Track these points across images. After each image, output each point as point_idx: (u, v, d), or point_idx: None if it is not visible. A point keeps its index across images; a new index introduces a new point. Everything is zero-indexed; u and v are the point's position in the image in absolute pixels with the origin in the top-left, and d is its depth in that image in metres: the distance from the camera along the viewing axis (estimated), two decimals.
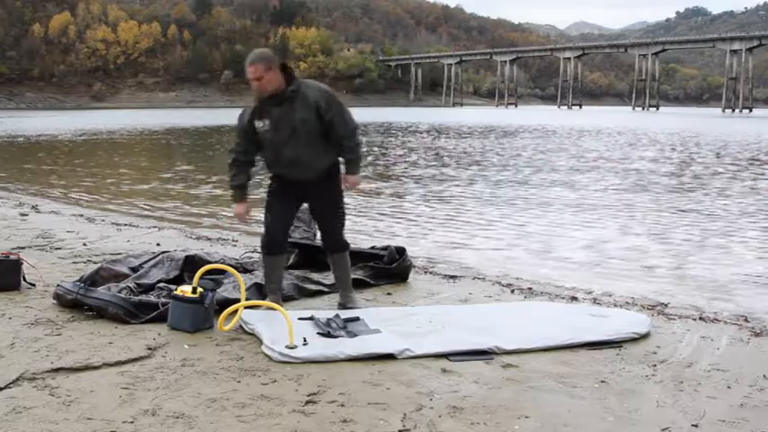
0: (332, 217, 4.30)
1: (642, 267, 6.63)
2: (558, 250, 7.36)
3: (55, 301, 4.28)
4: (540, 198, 11.62)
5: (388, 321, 3.98)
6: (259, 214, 4.42)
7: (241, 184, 4.22)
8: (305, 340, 3.58)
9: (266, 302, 4.01)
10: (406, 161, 19.00)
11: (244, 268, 4.93)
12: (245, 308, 3.98)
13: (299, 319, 3.93)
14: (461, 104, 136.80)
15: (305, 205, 4.45)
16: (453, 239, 7.82)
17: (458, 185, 13.40)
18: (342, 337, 3.69)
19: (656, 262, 6.88)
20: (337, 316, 4.02)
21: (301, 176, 4.10)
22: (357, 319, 3.99)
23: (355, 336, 3.71)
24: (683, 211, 10.32)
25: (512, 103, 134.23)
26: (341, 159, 4.18)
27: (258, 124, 4.04)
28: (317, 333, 3.73)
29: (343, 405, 2.94)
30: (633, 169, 16.80)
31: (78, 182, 13.89)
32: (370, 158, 19.59)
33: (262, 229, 4.31)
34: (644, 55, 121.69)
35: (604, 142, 28.24)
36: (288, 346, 3.50)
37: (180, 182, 14.03)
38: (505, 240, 7.87)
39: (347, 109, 4.08)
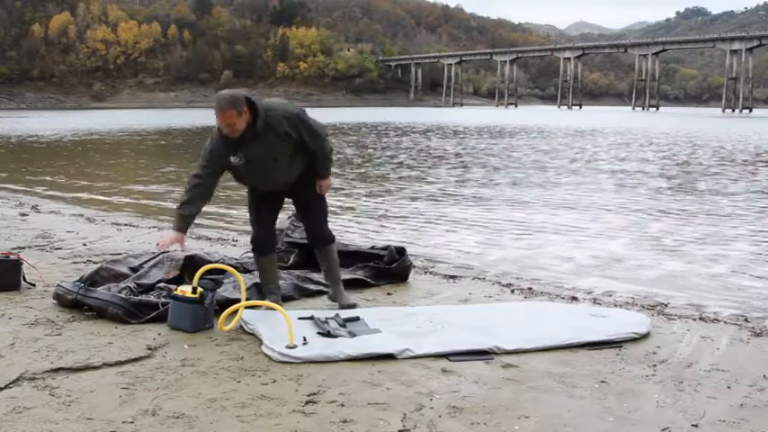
0: (315, 206, 4.30)
1: (642, 267, 6.63)
2: (557, 250, 7.36)
3: (55, 301, 4.28)
4: (538, 199, 11.62)
5: (388, 321, 3.98)
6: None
7: (192, 214, 4.02)
8: (305, 340, 3.58)
9: (266, 302, 4.01)
10: (403, 162, 19.00)
11: (244, 268, 4.93)
12: (246, 308, 3.98)
13: (299, 318, 3.94)
14: (461, 104, 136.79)
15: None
16: (453, 239, 7.82)
17: (456, 186, 13.40)
18: (342, 336, 3.69)
19: (656, 262, 6.88)
20: (337, 315, 4.02)
21: (283, 188, 4.21)
22: (357, 318, 3.99)
23: (355, 336, 3.71)
24: (682, 211, 10.32)
25: (512, 104, 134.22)
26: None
27: (233, 159, 3.98)
28: (317, 333, 3.73)
29: (343, 405, 2.94)
30: (631, 170, 16.81)
31: (72, 183, 13.89)
32: (361, 161, 19.59)
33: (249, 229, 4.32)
34: (644, 55, 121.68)
35: (602, 143, 28.24)
36: (288, 346, 3.50)
37: (174, 181, 14.03)
38: (505, 240, 7.87)
39: (313, 121, 4.07)
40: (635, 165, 18.04)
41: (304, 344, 3.55)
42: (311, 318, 3.98)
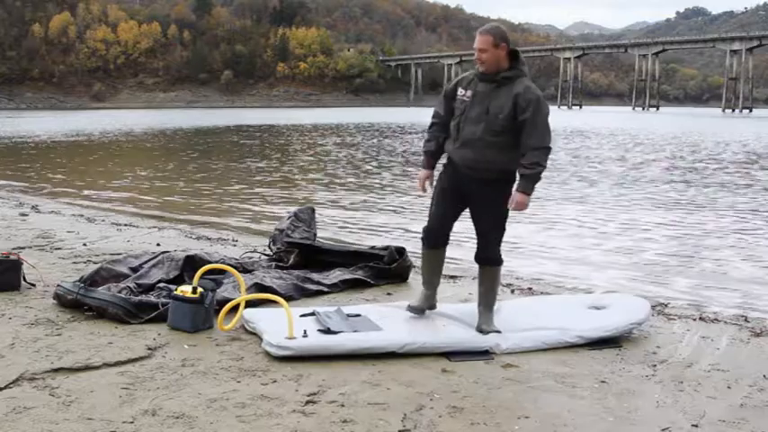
0: (490, 230, 3.96)
1: (642, 268, 6.64)
2: (557, 250, 7.36)
3: (55, 301, 4.28)
4: (537, 199, 11.61)
5: (388, 318, 3.99)
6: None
7: (429, 150, 4.00)
8: (305, 333, 3.58)
9: (265, 295, 4.01)
10: (401, 161, 19.00)
11: (244, 268, 4.93)
12: (247, 307, 3.98)
13: (301, 315, 3.94)
14: None
15: (306, 205, 4.41)
16: (453, 239, 7.79)
17: None
18: (343, 332, 3.69)
19: (656, 262, 6.88)
20: (339, 309, 4.03)
21: (468, 162, 3.80)
22: (358, 315, 4.00)
23: (356, 331, 3.72)
24: (681, 212, 10.32)
25: None
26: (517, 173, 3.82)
27: (460, 92, 3.86)
28: (318, 330, 3.73)
29: (343, 405, 2.94)
30: (630, 170, 16.80)
31: (68, 185, 13.89)
32: (360, 161, 19.60)
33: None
34: (644, 55, 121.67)
35: (602, 143, 28.24)
36: (287, 338, 3.50)
37: (167, 182, 14.04)
38: (505, 240, 7.85)
39: (548, 124, 3.76)
40: (636, 165, 18.04)
41: (304, 337, 3.55)
42: (312, 313, 3.99)
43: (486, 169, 3.79)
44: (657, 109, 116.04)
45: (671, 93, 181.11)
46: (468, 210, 4.01)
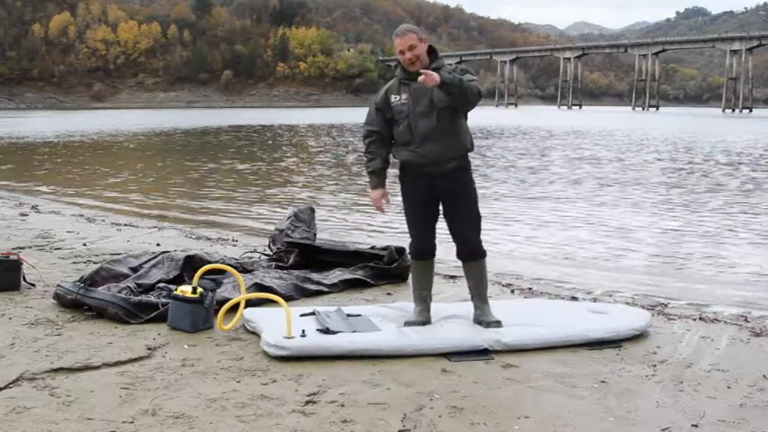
0: (464, 221, 3.98)
1: (642, 268, 6.63)
2: (557, 251, 7.36)
3: (55, 301, 4.28)
4: (537, 199, 11.61)
5: (388, 318, 3.99)
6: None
7: (377, 168, 3.96)
8: (303, 333, 3.59)
9: (264, 295, 4.01)
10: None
11: (244, 268, 4.93)
12: (246, 306, 3.98)
13: (301, 315, 3.95)
14: None
15: (306, 205, 4.40)
16: (449, 240, 7.79)
17: None
18: (342, 332, 3.69)
19: (656, 262, 6.88)
20: (339, 309, 4.02)
21: (432, 157, 3.83)
22: (359, 315, 4.00)
23: (355, 331, 3.72)
24: (680, 213, 10.32)
25: (512, 104, 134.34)
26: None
27: (394, 98, 3.87)
28: (317, 330, 3.73)
29: (343, 405, 2.94)
30: (630, 170, 16.80)
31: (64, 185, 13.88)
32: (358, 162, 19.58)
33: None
34: (644, 55, 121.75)
35: (602, 143, 28.25)
36: (285, 337, 3.51)
37: (165, 182, 14.04)
38: (505, 241, 7.86)
39: (473, 75, 3.87)
40: (635, 165, 18.04)
41: (302, 336, 3.55)
42: (312, 313, 3.99)
43: (449, 157, 3.86)
44: (657, 109, 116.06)
45: (671, 93, 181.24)
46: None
